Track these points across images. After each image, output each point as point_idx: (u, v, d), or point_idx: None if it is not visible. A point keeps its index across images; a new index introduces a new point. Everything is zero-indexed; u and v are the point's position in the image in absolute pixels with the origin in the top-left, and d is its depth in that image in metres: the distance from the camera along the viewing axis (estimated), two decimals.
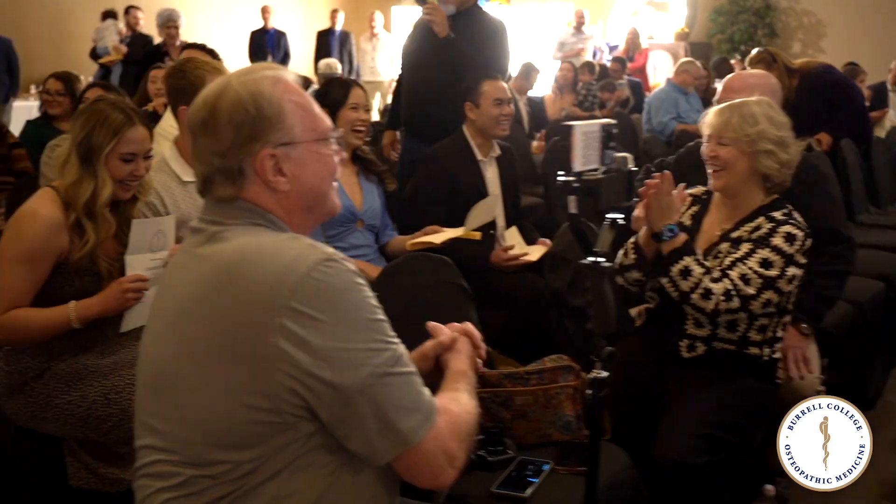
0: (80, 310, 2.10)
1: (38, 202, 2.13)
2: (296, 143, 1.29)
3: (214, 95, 1.29)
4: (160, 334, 1.29)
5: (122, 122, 2.11)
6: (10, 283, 2.07)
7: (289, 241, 1.24)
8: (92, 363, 2.18)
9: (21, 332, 2.09)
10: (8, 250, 2.09)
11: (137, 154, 2.15)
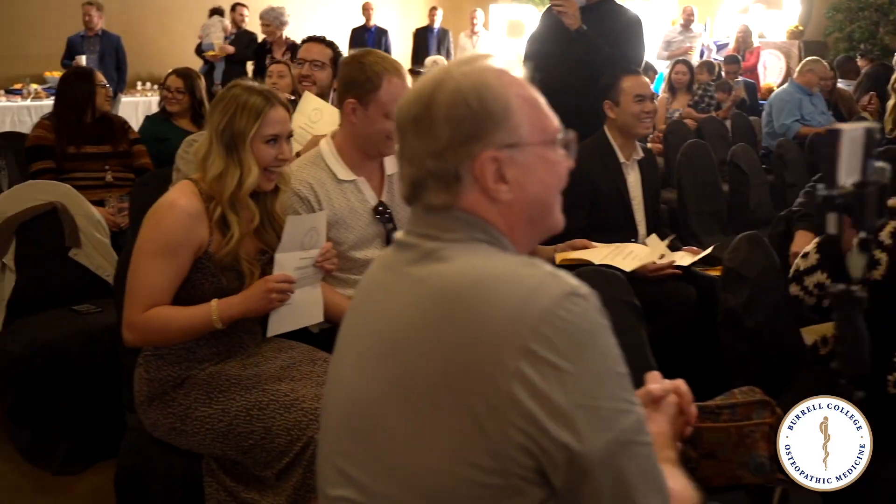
0: (223, 309, 1.97)
1: (176, 193, 2.03)
2: (522, 146, 1.09)
3: (431, 87, 1.09)
4: (361, 365, 1.10)
5: (262, 104, 2.01)
6: (151, 278, 1.96)
7: (526, 266, 1.03)
8: (234, 374, 2.04)
9: (161, 332, 1.97)
10: (146, 243, 1.98)
11: (280, 135, 2.04)
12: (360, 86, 2.32)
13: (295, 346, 2.20)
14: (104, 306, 3.09)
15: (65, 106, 3.81)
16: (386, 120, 2.30)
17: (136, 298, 1.96)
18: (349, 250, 2.37)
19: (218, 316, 1.96)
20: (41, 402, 2.81)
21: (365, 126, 2.34)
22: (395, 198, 2.46)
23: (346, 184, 2.40)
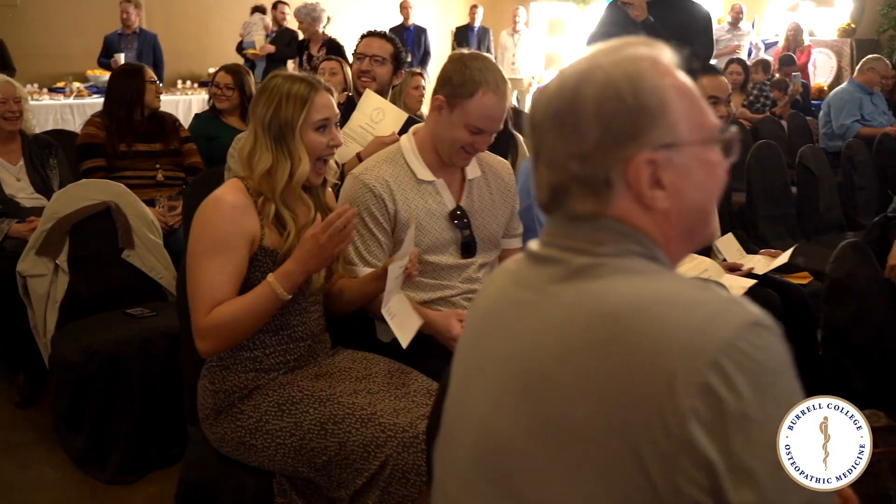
0: (281, 278, 1.84)
1: (220, 190, 1.93)
2: (680, 146, 0.94)
3: (575, 79, 0.95)
4: (497, 398, 0.95)
5: (307, 91, 1.91)
6: (209, 279, 1.84)
7: (699, 290, 0.89)
8: (307, 386, 1.92)
9: (230, 327, 1.84)
10: (197, 245, 1.87)
11: (329, 119, 1.94)
12: (454, 86, 2.18)
13: (368, 356, 2.08)
14: (158, 310, 2.99)
15: (115, 103, 3.73)
16: (465, 130, 2.18)
17: (199, 304, 1.85)
18: (422, 254, 2.24)
19: (280, 285, 1.84)
20: (95, 409, 2.71)
21: (444, 128, 2.22)
22: (474, 204, 2.34)
23: (425, 184, 2.27)
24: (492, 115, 2.18)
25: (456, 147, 2.21)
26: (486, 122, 2.18)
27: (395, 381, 1.96)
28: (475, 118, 2.16)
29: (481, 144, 2.22)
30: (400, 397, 1.92)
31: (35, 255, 2.98)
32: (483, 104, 2.15)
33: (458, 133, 2.19)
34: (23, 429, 3.14)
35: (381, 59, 3.29)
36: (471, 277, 2.31)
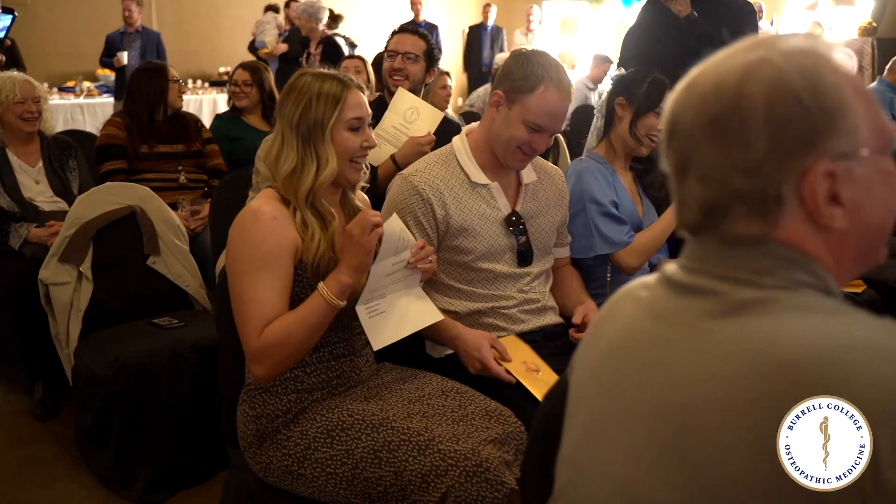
0: (332, 285, 1.71)
1: (256, 201, 1.79)
2: (860, 155, 0.81)
3: (738, 76, 0.81)
4: (640, 454, 0.82)
5: (339, 89, 1.78)
6: (257, 296, 1.70)
7: (890, 331, 0.76)
8: (357, 409, 1.78)
9: (284, 344, 1.70)
10: (240, 262, 1.73)
11: (363, 119, 1.81)
12: (514, 80, 2.08)
13: (419, 375, 1.94)
14: (186, 320, 2.86)
15: (136, 102, 3.60)
16: (523, 128, 2.07)
17: (249, 327, 1.71)
18: (476, 261, 2.12)
19: (329, 293, 1.70)
20: (123, 425, 2.58)
21: (501, 126, 2.11)
22: (530, 209, 2.22)
23: (479, 188, 2.15)
24: (553, 111, 2.06)
25: (512, 146, 2.10)
26: (547, 119, 2.06)
27: (450, 402, 1.83)
28: (535, 114, 2.05)
29: (539, 144, 2.09)
30: (457, 420, 1.78)
31: (58, 263, 2.85)
32: (544, 100, 2.05)
33: (516, 130, 2.08)
34: (44, 442, 3.01)
35: (414, 56, 3.14)
36: (526, 287, 2.18)
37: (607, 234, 2.40)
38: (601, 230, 2.40)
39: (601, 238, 2.40)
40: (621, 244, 2.41)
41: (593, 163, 2.49)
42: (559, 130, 2.13)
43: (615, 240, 2.41)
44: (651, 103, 2.45)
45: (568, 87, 2.09)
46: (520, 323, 2.16)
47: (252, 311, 1.70)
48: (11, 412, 3.24)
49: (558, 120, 2.09)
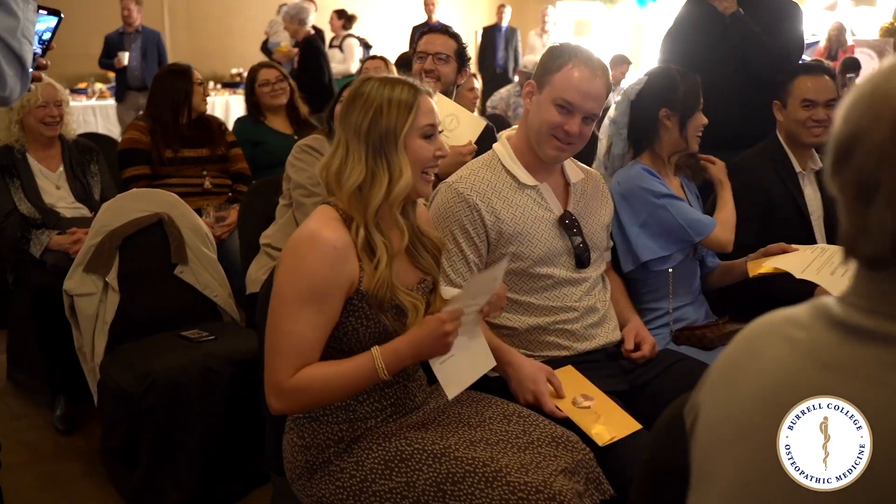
0: (388, 357, 1.59)
1: (316, 222, 1.63)
2: None
3: None
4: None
5: (411, 95, 1.65)
6: (298, 331, 1.57)
7: None
8: (415, 437, 1.66)
9: (317, 396, 1.60)
10: (290, 287, 1.58)
11: (435, 126, 1.69)
12: (543, 65, 2.03)
13: (476, 397, 1.82)
14: (216, 332, 2.75)
15: (160, 106, 3.48)
16: (553, 109, 1.98)
17: (282, 359, 1.58)
18: (533, 266, 2.01)
19: (384, 366, 1.59)
20: (152, 443, 2.46)
21: (534, 115, 2.03)
22: (581, 209, 2.13)
23: (528, 189, 2.06)
24: (581, 87, 1.96)
25: (545, 132, 2.00)
26: (576, 95, 1.96)
27: (513, 427, 1.71)
28: (562, 90, 1.96)
29: (573, 126, 1.98)
30: (523, 448, 1.66)
31: (83, 273, 2.73)
32: (571, 75, 1.97)
33: (547, 113, 1.99)
34: (67, 459, 2.90)
35: (445, 56, 3.02)
36: (586, 295, 2.08)
37: (696, 217, 2.35)
38: (688, 216, 2.34)
39: (691, 225, 2.33)
40: (712, 224, 2.37)
41: (639, 166, 2.40)
42: (594, 112, 2.01)
43: (705, 222, 2.36)
44: (695, 103, 2.40)
45: (599, 66, 2.00)
46: (583, 341, 2.05)
47: (288, 345, 1.57)
48: (32, 427, 3.14)
49: (589, 98, 1.98)
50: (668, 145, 2.42)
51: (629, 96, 2.46)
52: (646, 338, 2.12)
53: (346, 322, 1.64)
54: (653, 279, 2.37)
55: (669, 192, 2.34)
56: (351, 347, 1.66)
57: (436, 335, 1.59)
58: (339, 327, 1.64)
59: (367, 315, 1.63)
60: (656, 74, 2.48)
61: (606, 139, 2.51)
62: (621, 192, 2.34)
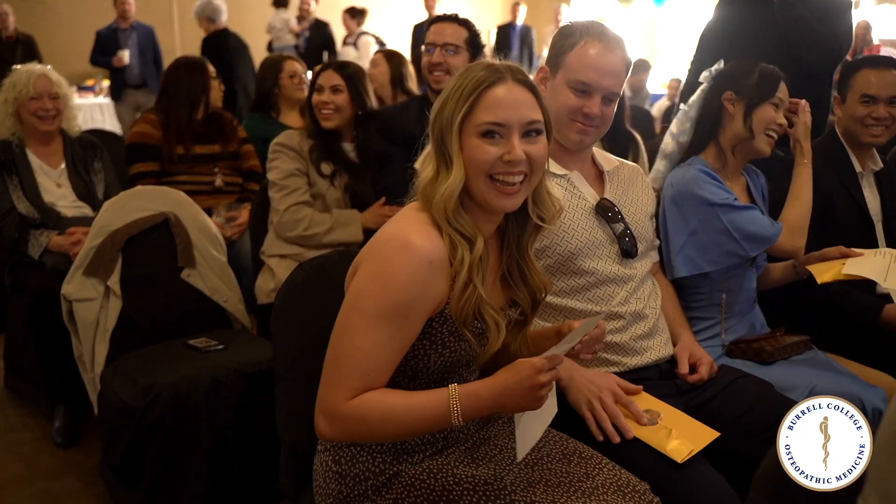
0: (466, 399, 1.34)
1: (409, 226, 1.39)
2: None
3: None
4: None
5: (480, 80, 1.38)
6: (369, 350, 1.34)
7: None
8: (465, 475, 1.43)
9: (379, 424, 1.36)
10: (369, 301, 1.35)
11: (505, 125, 1.38)
12: (555, 46, 1.86)
13: None
14: (225, 341, 2.55)
15: (174, 100, 3.28)
16: (569, 92, 1.80)
17: (344, 378, 1.35)
18: (572, 259, 1.83)
19: (459, 410, 1.33)
20: (157, 462, 2.27)
21: (550, 101, 1.79)
22: (619, 196, 1.94)
23: (557, 179, 1.87)
24: (596, 64, 1.78)
25: (564, 118, 1.82)
26: (591, 74, 1.78)
27: (574, 469, 1.49)
28: (576, 70, 1.79)
29: (592, 107, 1.80)
30: (587, 494, 1.44)
31: (82, 276, 2.54)
32: (584, 53, 1.79)
33: (563, 97, 1.82)
34: (66, 475, 2.71)
35: (455, 47, 2.79)
36: (632, 296, 1.87)
37: (754, 231, 2.09)
38: (746, 230, 2.08)
39: (748, 239, 2.08)
40: (776, 234, 2.11)
41: (697, 167, 2.16)
42: (613, 90, 1.82)
43: (766, 234, 2.10)
44: (765, 93, 2.16)
45: (615, 39, 1.82)
46: (633, 355, 1.84)
47: (355, 363, 1.35)
48: (30, 439, 2.95)
49: (606, 74, 1.79)
50: (731, 135, 2.20)
51: (701, 85, 2.25)
52: (702, 358, 1.91)
53: (420, 345, 1.41)
54: (705, 284, 2.16)
55: (727, 199, 2.10)
56: (415, 372, 1.44)
57: (529, 385, 1.31)
58: (411, 348, 1.41)
59: (444, 342, 1.41)
60: (732, 62, 2.27)
61: (677, 127, 2.30)
62: (672, 197, 2.12)
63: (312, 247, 2.66)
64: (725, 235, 2.08)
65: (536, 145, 1.41)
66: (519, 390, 1.32)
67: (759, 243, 2.11)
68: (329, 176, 2.72)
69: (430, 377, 1.43)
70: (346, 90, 2.75)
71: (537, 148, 1.41)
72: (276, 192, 2.68)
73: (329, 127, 2.74)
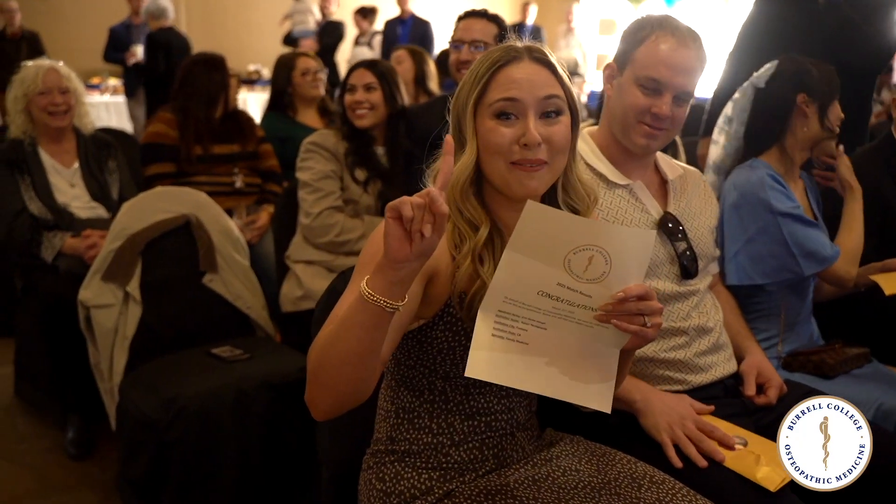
0: (373, 272, 1.09)
1: None
2: None
3: None
4: None
5: (495, 60, 1.28)
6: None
7: None
8: (524, 497, 1.31)
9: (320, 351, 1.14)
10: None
11: (520, 102, 1.26)
12: (624, 41, 1.71)
13: (597, 450, 1.46)
14: (250, 349, 2.42)
15: (192, 98, 3.14)
16: (637, 90, 1.66)
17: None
18: None
19: (366, 282, 1.08)
20: (180, 479, 2.15)
21: (616, 101, 1.71)
22: (682, 210, 1.80)
23: (618, 189, 1.73)
24: (668, 60, 1.63)
25: (631, 118, 1.68)
26: (663, 70, 1.63)
27: (646, 495, 1.35)
28: (646, 66, 1.64)
29: (661, 107, 1.65)
30: None
31: (100, 281, 2.42)
32: (655, 48, 1.64)
33: (631, 96, 1.67)
34: (79, 489, 2.58)
35: (484, 44, 2.70)
36: (694, 310, 1.75)
37: (813, 248, 1.97)
38: (805, 246, 1.97)
39: (806, 256, 1.97)
40: (835, 256, 2.00)
41: (764, 171, 2.04)
42: (685, 89, 1.67)
43: (825, 254, 1.99)
44: (833, 90, 2.09)
45: (689, 34, 1.67)
46: (698, 372, 1.71)
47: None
48: (42, 450, 2.82)
49: (679, 72, 1.64)
50: (803, 138, 2.09)
51: (756, 85, 2.13)
52: (772, 378, 1.78)
53: (441, 337, 1.30)
54: (763, 294, 2.04)
55: (792, 209, 1.98)
56: (447, 372, 1.33)
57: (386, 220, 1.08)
58: (432, 344, 1.31)
59: (465, 329, 1.28)
60: (785, 60, 2.15)
61: (724, 137, 2.17)
62: (735, 201, 1.99)
63: (342, 253, 2.53)
64: (783, 247, 1.96)
65: (556, 126, 1.28)
66: (385, 228, 1.08)
67: (816, 262, 1.99)
68: (363, 182, 2.60)
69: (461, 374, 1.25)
70: (380, 88, 2.63)
71: (557, 129, 1.28)
72: (309, 193, 2.54)
73: (363, 126, 2.61)
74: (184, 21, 9.03)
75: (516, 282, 1.15)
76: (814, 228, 2.01)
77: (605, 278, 1.16)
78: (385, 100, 2.63)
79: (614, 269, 1.15)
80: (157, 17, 6.43)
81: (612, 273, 1.16)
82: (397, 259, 1.05)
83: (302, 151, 2.61)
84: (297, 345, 2.49)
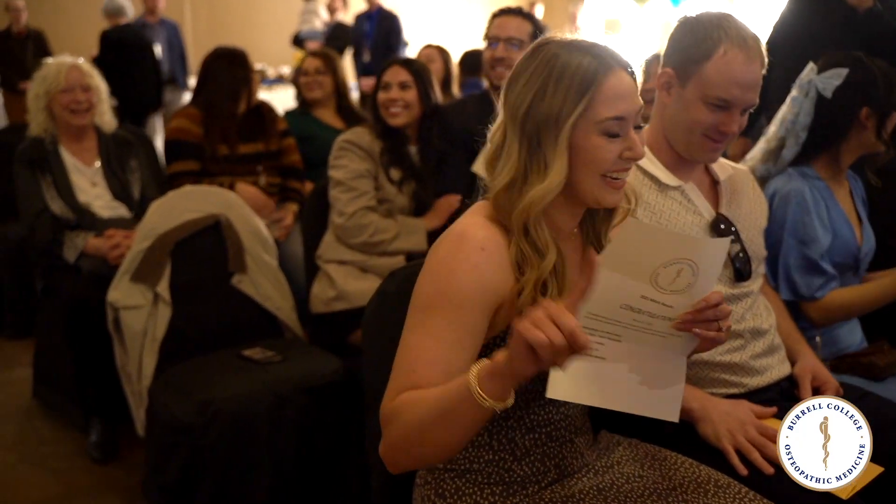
0: (484, 373, 1.05)
1: (469, 218, 1.26)
2: None
3: None
4: None
5: (593, 69, 1.18)
6: (416, 343, 1.18)
7: None
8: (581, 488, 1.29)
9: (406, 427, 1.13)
10: (420, 295, 1.22)
11: (627, 117, 1.20)
12: (684, 51, 1.62)
13: (657, 454, 1.42)
14: (282, 351, 2.38)
15: (216, 95, 3.08)
16: (704, 108, 1.60)
17: (393, 378, 1.20)
18: None
19: (476, 380, 1.04)
20: (213, 485, 2.10)
21: (676, 111, 1.65)
22: (733, 211, 1.75)
23: (671, 191, 1.69)
24: (739, 78, 1.57)
25: (696, 134, 1.63)
26: (733, 88, 1.57)
27: (713, 501, 1.31)
28: (716, 86, 1.58)
29: (730, 124, 1.60)
30: None
31: (130, 282, 2.37)
32: (725, 65, 1.57)
33: (696, 113, 1.61)
34: (104, 494, 2.54)
35: (519, 42, 2.68)
36: (748, 311, 1.71)
37: (796, 280, 2.00)
38: (791, 275, 2.00)
39: (787, 281, 2.00)
40: (807, 298, 2.01)
41: (806, 183, 2.02)
42: (754, 102, 1.63)
43: (801, 291, 2.00)
44: (893, 101, 2.04)
45: (756, 45, 1.60)
46: (754, 375, 1.68)
47: (403, 360, 1.19)
48: (65, 454, 2.78)
49: (749, 88, 1.59)
50: (856, 147, 2.07)
51: (823, 93, 2.06)
52: (827, 381, 1.75)
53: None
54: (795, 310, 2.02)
55: (810, 235, 1.99)
56: None
57: (516, 342, 1.01)
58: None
59: None
60: (856, 69, 2.08)
61: (777, 141, 2.13)
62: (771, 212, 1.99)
63: (376, 254, 2.49)
64: (784, 270, 2.01)
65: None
66: (514, 348, 1.02)
67: (789, 292, 2.00)
68: (398, 182, 2.56)
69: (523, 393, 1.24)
70: (415, 86, 2.59)
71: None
72: (343, 192, 2.49)
73: (397, 125, 2.57)
74: (189, 20, 8.99)
75: (600, 297, 1.10)
76: (811, 270, 1.99)
77: (689, 289, 1.15)
78: (420, 98, 2.59)
79: (699, 279, 1.14)
80: (114, 15, 6.43)
81: (697, 283, 1.15)
82: (525, 375, 1.03)
83: (335, 149, 2.57)
84: (329, 346, 2.45)
